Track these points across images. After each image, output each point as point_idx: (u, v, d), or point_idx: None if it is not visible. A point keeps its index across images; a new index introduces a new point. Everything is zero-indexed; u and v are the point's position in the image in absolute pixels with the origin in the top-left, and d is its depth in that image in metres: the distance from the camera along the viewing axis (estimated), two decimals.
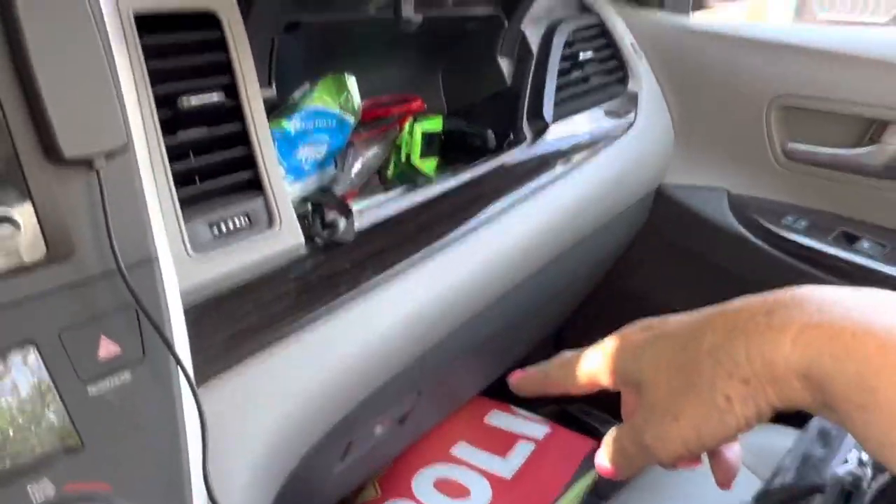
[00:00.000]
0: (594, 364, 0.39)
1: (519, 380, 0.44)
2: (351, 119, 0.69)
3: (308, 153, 0.64)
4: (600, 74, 1.03)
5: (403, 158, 0.76)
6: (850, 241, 0.94)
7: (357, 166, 0.71)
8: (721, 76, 1.04)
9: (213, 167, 0.51)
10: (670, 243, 1.12)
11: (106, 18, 0.40)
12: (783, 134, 1.00)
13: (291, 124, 0.62)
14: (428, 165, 0.78)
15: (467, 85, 0.95)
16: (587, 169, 0.89)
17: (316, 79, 0.69)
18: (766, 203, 1.01)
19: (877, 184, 0.93)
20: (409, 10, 0.49)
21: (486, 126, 0.86)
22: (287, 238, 0.52)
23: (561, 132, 0.88)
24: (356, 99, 0.69)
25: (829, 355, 0.28)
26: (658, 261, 1.15)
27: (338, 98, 0.68)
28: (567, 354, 0.42)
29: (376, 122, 0.75)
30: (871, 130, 0.93)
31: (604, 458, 0.38)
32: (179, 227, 0.46)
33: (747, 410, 0.31)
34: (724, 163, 1.06)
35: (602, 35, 1.05)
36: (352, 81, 0.69)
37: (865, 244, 0.93)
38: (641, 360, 0.36)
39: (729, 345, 0.32)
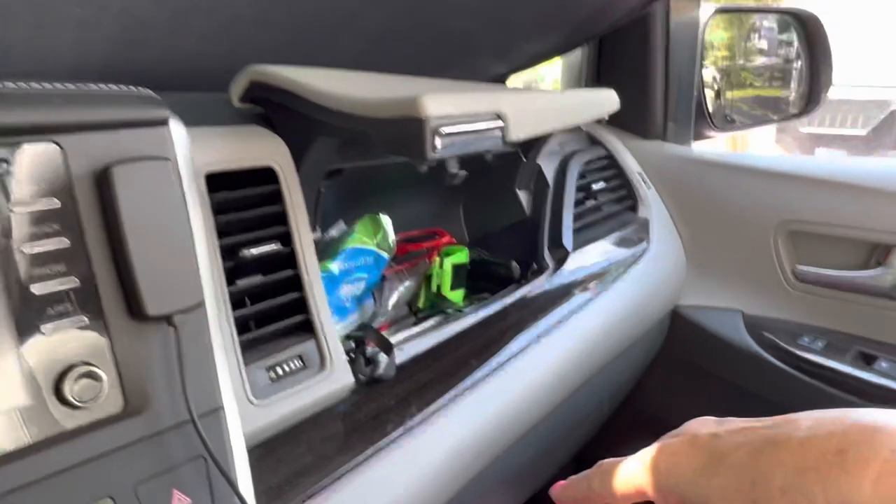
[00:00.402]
0: (639, 475, 0.39)
1: (561, 489, 0.44)
2: (386, 255, 0.72)
3: (349, 290, 0.66)
4: (612, 203, 1.08)
5: (434, 289, 0.79)
6: (867, 360, 0.96)
7: (393, 299, 0.74)
8: (727, 202, 1.09)
9: (269, 312, 0.53)
10: (688, 364, 1.14)
11: (185, 182, 0.44)
12: (792, 257, 1.04)
13: (335, 265, 0.65)
14: (456, 296, 0.81)
15: (487, 216, 0.99)
16: (608, 296, 0.92)
17: (349, 216, 0.74)
18: (780, 324, 1.04)
19: (887, 304, 0.96)
20: (454, 166, 0.53)
21: (507, 254, 0.90)
22: (338, 379, 0.54)
23: (580, 260, 0.92)
24: (391, 237, 0.73)
25: None
26: (677, 381, 1.16)
27: (374, 237, 0.72)
28: (608, 463, 0.42)
29: (408, 256, 0.79)
30: (877, 253, 0.97)
31: None
32: (241, 374, 0.48)
33: None
34: (736, 284, 1.09)
35: (612, 166, 1.11)
36: (387, 221, 0.73)
37: (884, 364, 0.94)
38: (708, 488, 0.36)
39: (802, 484, 0.31)
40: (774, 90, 1.67)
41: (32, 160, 0.37)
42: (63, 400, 0.37)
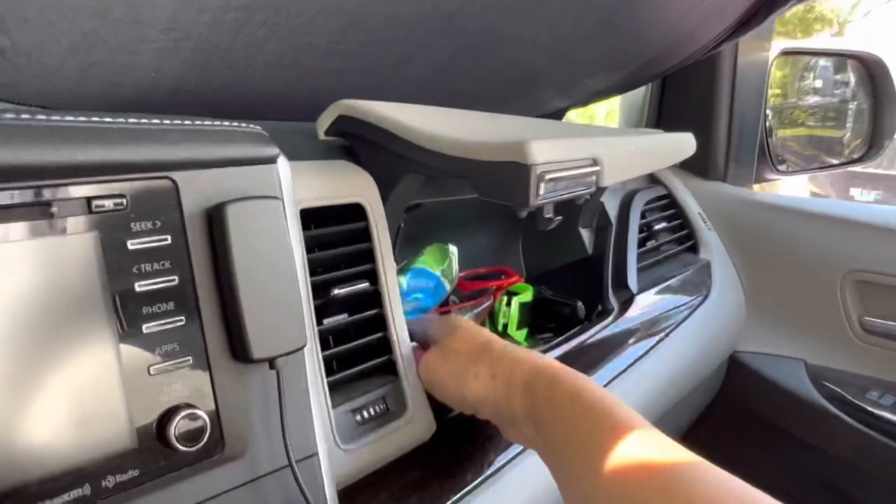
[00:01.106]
0: None
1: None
2: (448, 286, 0.71)
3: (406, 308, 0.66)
4: (672, 243, 1.06)
5: (500, 328, 0.78)
6: None
7: None
8: (790, 248, 1.07)
9: (353, 352, 0.52)
10: (745, 411, 1.10)
11: (290, 221, 0.43)
12: (859, 308, 1.01)
13: (405, 281, 0.64)
14: (521, 335, 0.80)
15: (547, 252, 0.98)
16: (671, 341, 0.89)
17: (414, 249, 0.73)
18: (847, 376, 1.01)
19: None
20: (550, 212, 0.52)
21: (568, 293, 0.88)
22: (421, 422, 0.53)
23: (644, 303, 0.90)
24: (455, 267, 0.72)
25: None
26: (732, 429, 1.12)
27: (441, 264, 0.71)
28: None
29: (473, 293, 0.78)
30: None
31: None
32: (330, 418, 0.47)
33: None
34: (799, 333, 1.06)
35: (672, 206, 1.09)
36: (453, 251, 0.72)
37: None
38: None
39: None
40: (829, 130, 1.64)
41: (147, 196, 0.37)
42: (165, 442, 0.37)
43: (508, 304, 0.78)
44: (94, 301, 0.35)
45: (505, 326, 0.78)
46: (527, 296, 0.80)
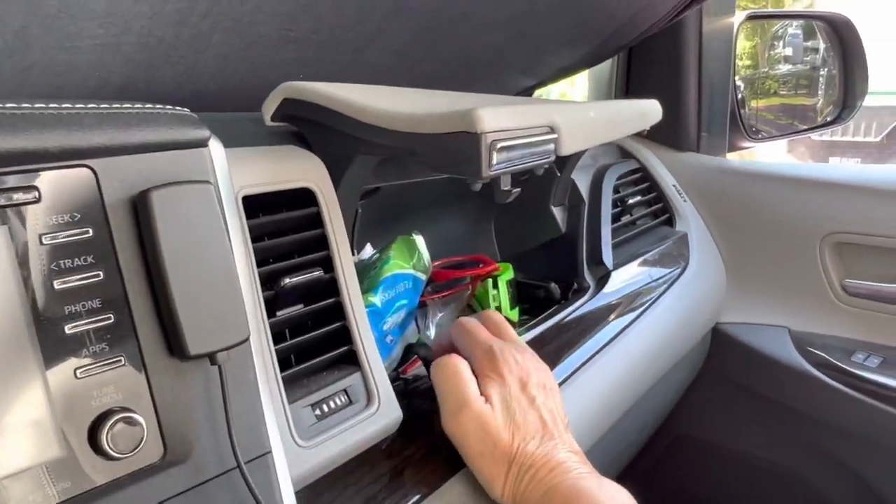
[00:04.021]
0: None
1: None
2: (423, 277, 0.69)
3: (392, 321, 0.63)
4: (648, 217, 1.05)
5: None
6: None
7: (433, 326, 0.70)
8: (768, 214, 1.05)
9: (310, 344, 0.49)
10: (730, 382, 1.09)
11: (226, 207, 0.41)
12: (840, 270, 0.99)
13: (378, 298, 0.61)
14: (514, 314, 0.78)
15: (520, 233, 0.95)
16: (651, 315, 0.88)
17: (379, 236, 0.70)
18: (831, 340, 0.99)
19: None
20: (507, 183, 0.50)
21: (544, 274, 0.86)
22: (387, 414, 0.50)
23: (620, 278, 0.88)
24: (426, 257, 0.70)
25: None
26: (719, 400, 1.11)
27: (410, 259, 0.68)
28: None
29: (450, 283, 0.76)
30: None
31: None
32: (286, 413, 0.44)
33: None
34: (780, 300, 1.04)
35: (646, 179, 1.07)
36: (420, 241, 0.70)
37: None
38: None
39: None
40: (801, 98, 1.63)
41: (62, 187, 0.34)
42: (98, 450, 0.34)
43: (495, 286, 0.76)
44: (8, 303, 0.32)
45: (498, 309, 0.75)
46: (509, 273, 0.78)
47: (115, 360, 0.35)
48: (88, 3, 0.55)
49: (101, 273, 0.35)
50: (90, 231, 0.35)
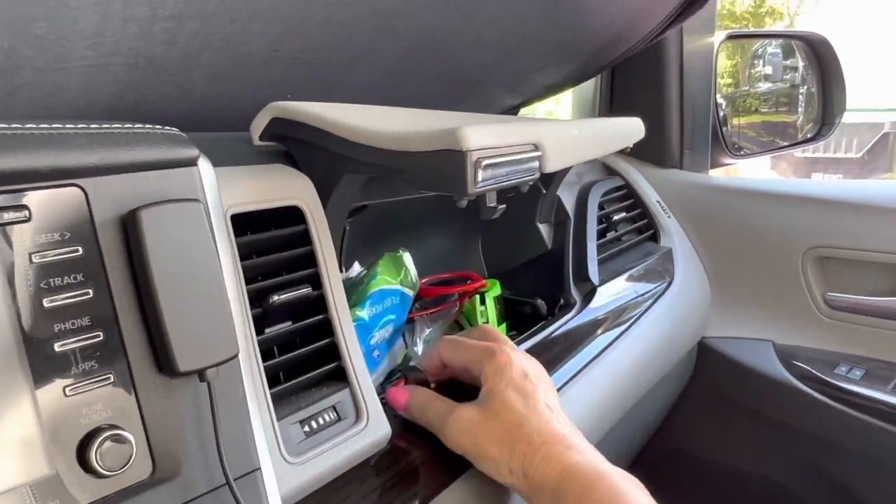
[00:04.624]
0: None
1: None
2: (411, 293, 0.69)
3: (380, 336, 0.63)
4: (632, 233, 1.06)
5: None
6: None
7: (421, 343, 0.70)
8: (750, 229, 1.07)
9: (299, 361, 0.50)
10: (717, 396, 1.10)
11: (215, 225, 0.41)
12: (822, 284, 1.01)
13: (365, 312, 0.61)
14: (503, 329, 0.78)
15: (507, 250, 0.96)
16: (637, 330, 0.88)
17: (367, 253, 0.71)
18: (814, 353, 1.00)
19: None
20: (493, 200, 0.51)
21: (530, 290, 0.87)
22: (376, 429, 0.50)
23: (606, 294, 0.89)
24: (413, 273, 0.70)
25: None
26: (706, 414, 1.12)
27: (397, 275, 0.69)
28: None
29: (437, 299, 0.76)
30: None
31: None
32: (275, 431, 0.44)
33: None
34: (764, 314, 1.06)
35: (630, 196, 1.08)
36: (407, 258, 0.71)
37: None
38: None
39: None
40: (782, 115, 1.66)
41: (52, 206, 0.34)
42: (87, 468, 0.34)
43: (483, 302, 0.76)
44: None
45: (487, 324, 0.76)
46: (496, 289, 0.79)
47: (103, 377, 0.35)
48: (77, 24, 0.56)
49: (90, 291, 0.35)
50: (80, 249, 0.35)
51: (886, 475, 0.94)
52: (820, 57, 1.28)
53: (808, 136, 1.39)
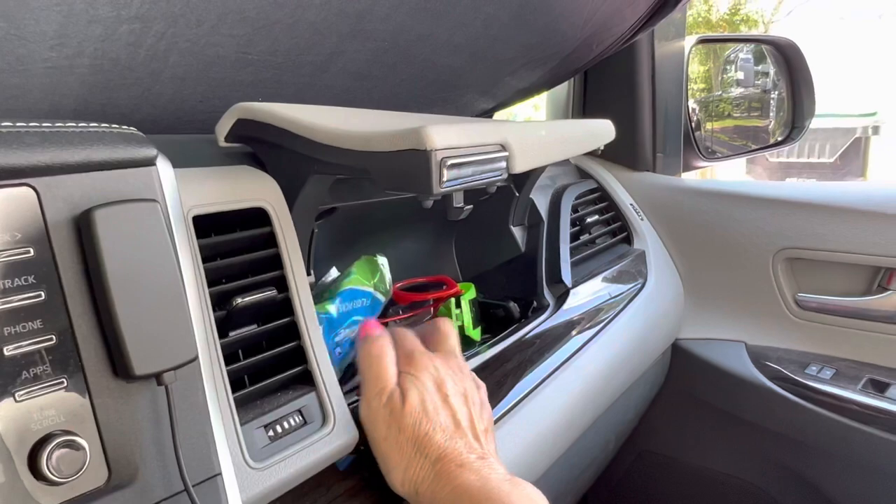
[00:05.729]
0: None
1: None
2: (383, 298, 0.69)
3: (345, 334, 0.62)
4: (606, 236, 1.06)
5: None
6: (879, 388, 0.93)
7: None
8: (722, 232, 1.07)
9: (264, 364, 0.49)
10: (691, 397, 1.10)
11: (174, 226, 0.40)
12: (792, 285, 1.02)
13: (334, 308, 0.61)
14: (477, 333, 0.78)
15: (480, 252, 0.96)
16: (610, 332, 0.88)
17: (340, 257, 0.70)
18: (786, 353, 1.01)
19: (894, 330, 0.94)
20: (459, 200, 0.50)
21: (504, 293, 0.87)
22: (342, 433, 0.50)
23: (580, 296, 0.89)
24: (388, 278, 0.70)
25: None
26: (680, 416, 1.12)
27: (372, 278, 0.68)
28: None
29: (412, 305, 0.76)
30: (879, 278, 0.95)
31: None
32: (237, 435, 0.44)
33: None
34: (737, 315, 1.07)
35: (604, 199, 1.09)
36: (384, 262, 0.70)
37: None
38: None
39: None
40: (754, 120, 1.68)
41: (2, 206, 0.34)
42: (39, 475, 0.33)
43: (458, 305, 0.76)
44: None
45: (461, 329, 0.76)
46: (471, 292, 0.78)
47: (56, 382, 0.34)
48: (39, 25, 0.55)
49: (42, 293, 0.34)
50: (31, 251, 0.34)
51: (856, 474, 0.95)
52: (789, 61, 1.30)
53: (779, 139, 1.40)
